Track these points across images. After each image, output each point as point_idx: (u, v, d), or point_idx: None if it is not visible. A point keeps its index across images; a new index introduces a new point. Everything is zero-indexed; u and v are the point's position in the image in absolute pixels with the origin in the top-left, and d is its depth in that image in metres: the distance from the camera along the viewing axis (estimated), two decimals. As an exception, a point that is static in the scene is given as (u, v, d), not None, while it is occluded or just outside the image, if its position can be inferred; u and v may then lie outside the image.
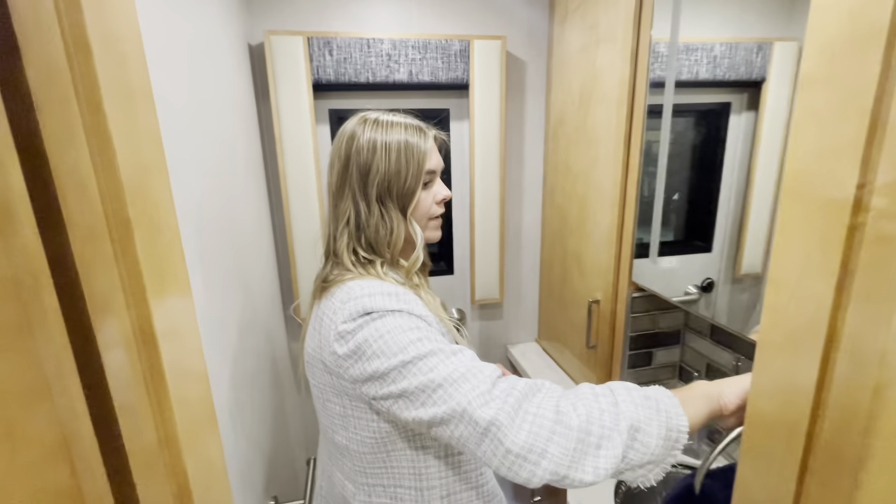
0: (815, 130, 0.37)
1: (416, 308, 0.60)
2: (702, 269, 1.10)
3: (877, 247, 0.34)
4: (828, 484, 0.40)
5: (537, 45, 1.42)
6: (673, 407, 0.52)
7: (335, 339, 0.58)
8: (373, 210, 0.66)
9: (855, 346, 0.36)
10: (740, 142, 1.04)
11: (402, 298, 0.60)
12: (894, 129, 0.32)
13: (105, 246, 0.23)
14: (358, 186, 0.66)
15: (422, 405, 0.53)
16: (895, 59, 0.32)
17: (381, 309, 0.57)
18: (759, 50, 0.98)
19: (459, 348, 0.57)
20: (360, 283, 0.62)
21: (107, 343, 0.23)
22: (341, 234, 0.67)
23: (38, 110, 0.20)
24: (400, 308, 0.58)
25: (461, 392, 0.51)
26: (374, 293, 0.59)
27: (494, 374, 0.54)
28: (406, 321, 0.57)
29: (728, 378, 0.58)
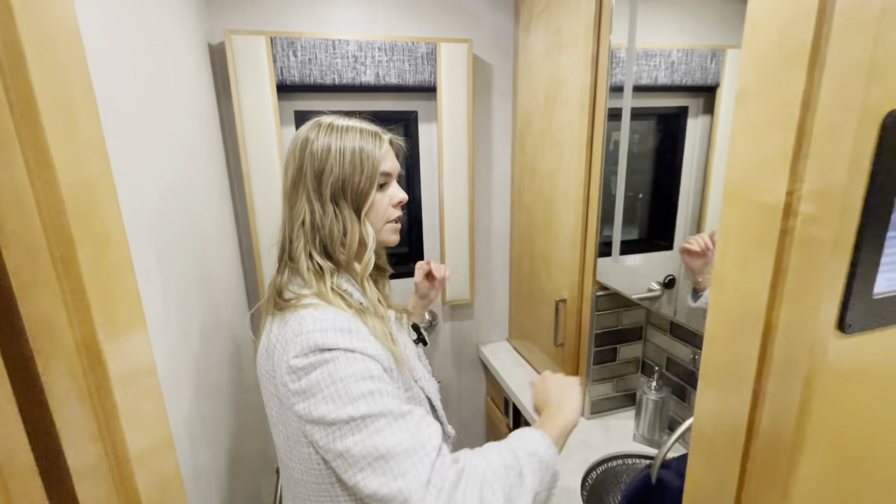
0: (749, 141, 0.40)
1: (369, 347, 0.59)
2: (664, 267, 1.14)
3: (805, 248, 0.37)
4: (767, 467, 0.43)
5: (503, 49, 1.44)
6: (555, 462, 0.64)
7: (286, 371, 0.58)
8: (327, 210, 0.66)
9: (788, 339, 0.39)
10: (697, 144, 1.09)
11: (356, 335, 0.59)
12: (818, 141, 0.35)
13: (45, 264, 0.22)
14: (312, 187, 0.66)
15: (361, 474, 0.53)
16: (818, 74, 0.34)
17: (333, 346, 0.57)
18: (714, 56, 1.03)
19: (409, 409, 0.57)
20: (313, 313, 0.60)
21: (47, 360, 0.23)
22: (297, 237, 0.67)
23: (-34, 126, 0.19)
24: (353, 347, 0.57)
25: (403, 477, 0.52)
26: (326, 328, 0.58)
27: (434, 448, 0.55)
28: (360, 367, 0.57)
29: (558, 402, 0.74)
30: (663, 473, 0.58)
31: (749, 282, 0.41)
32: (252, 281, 1.35)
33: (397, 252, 1.60)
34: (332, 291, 0.65)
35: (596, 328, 1.19)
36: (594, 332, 1.19)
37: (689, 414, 1.11)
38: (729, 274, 0.43)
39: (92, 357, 0.25)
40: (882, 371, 0.42)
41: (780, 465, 0.41)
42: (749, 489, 0.45)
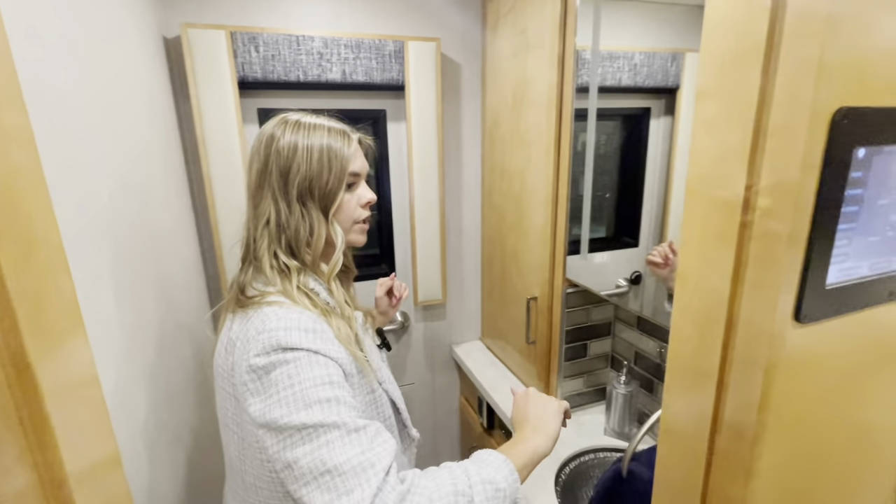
0: (709, 138, 0.41)
1: (332, 349, 0.58)
2: (630, 263, 1.17)
3: (763, 242, 0.38)
4: (731, 457, 0.44)
5: (471, 48, 1.44)
6: (515, 490, 0.59)
7: (246, 370, 0.56)
8: (293, 210, 0.64)
9: (749, 331, 0.40)
10: (660, 144, 1.12)
11: (319, 336, 0.58)
12: (774, 137, 0.36)
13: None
14: (278, 186, 0.64)
15: (306, 488, 0.51)
16: (771, 73, 0.35)
17: (296, 346, 0.55)
18: (674, 59, 1.06)
19: (363, 424, 0.55)
20: (277, 311, 0.59)
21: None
22: (262, 236, 0.65)
23: None
24: (316, 349, 0.56)
25: (348, 496, 0.50)
26: (290, 327, 0.56)
27: (383, 469, 0.52)
28: (321, 372, 0.55)
29: (531, 423, 0.69)
30: (633, 466, 0.59)
31: (711, 276, 0.42)
32: (214, 282, 1.29)
33: (368, 253, 1.57)
34: (298, 290, 0.63)
35: (566, 325, 1.20)
36: (565, 328, 1.20)
37: (657, 406, 1.14)
38: (692, 269, 0.44)
39: (19, 369, 0.23)
40: (834, 358, 0.44)
41: (744, 453, 0.42)
42: (715, 478, 0.46)
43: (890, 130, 0.38)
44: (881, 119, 0.37)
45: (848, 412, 0.48)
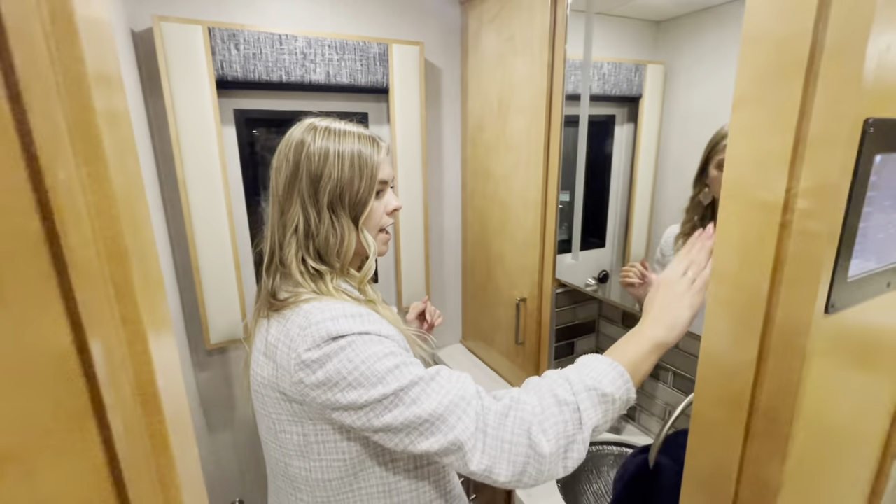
0: (747, 143, 0.44)
1: (383, 328, 0.58)
2: (598, 263, 1.23)
3: (801, 240, 0.41)
4: (767, 442, 0.47)
5: (451, 53, 1.45)
6: (626, 391, 0.57)
7: (299, 368, 0.54)
8: (323, 218, 0.63)
9: (786, 323, 0.43)
10: (624, 149, 1.18)
11: (366, 319, 0.58)
12: (814, 144, 0.39)
13: (104, 288, 0.17)
14: (308, 193, 0.63)
15: (408, 438, 0.53)
16: (812, 84, 0.39)
17: (347, 332, 0.55)
18: (637, 70, 1.13)
19: (436, 370, 0.57)
20: (317, 305, 0.58)
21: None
22: (289, 243, 0.63)
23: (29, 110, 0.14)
24: (367, 330, 0.56)
25: (453, 430, 0.52)
26: (336, 316, 0.56)
27: (473, 395, 0.55)
28: (378, 347, 0.55)
29: (654, 311, 0.62)
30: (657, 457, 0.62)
31: (750, 273, 0.45)
32: (190, 300, 1.21)
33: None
34: (335, 289, 0.62)
35: (555, 324, 1.24)
36: (554, 328, 1.23)
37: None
38: (730, 267, 0.47)
39: (147, 399, 0.21)
40: (847, 344, 0.48)
41: (780, 436, 0.46)
42: (749, 462, 0.49)
43: (899, 139, 0.43)
44: (894, 130, 0.42)
45: (852, 390, 0.54)
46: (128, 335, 0.20)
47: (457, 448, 0.52)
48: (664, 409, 1.15)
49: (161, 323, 0.24)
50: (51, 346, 0.15)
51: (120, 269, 0.19)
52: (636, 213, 1.18)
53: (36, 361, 0.15)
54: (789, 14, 0.39)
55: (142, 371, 0.21)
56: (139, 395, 0.21)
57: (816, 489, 0.54)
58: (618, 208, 1.22)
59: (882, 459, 0.66)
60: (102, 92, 0.19)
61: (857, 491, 0.65)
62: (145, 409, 0.21)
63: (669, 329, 0.60)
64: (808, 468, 0.50)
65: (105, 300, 0.17)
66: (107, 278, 0.18)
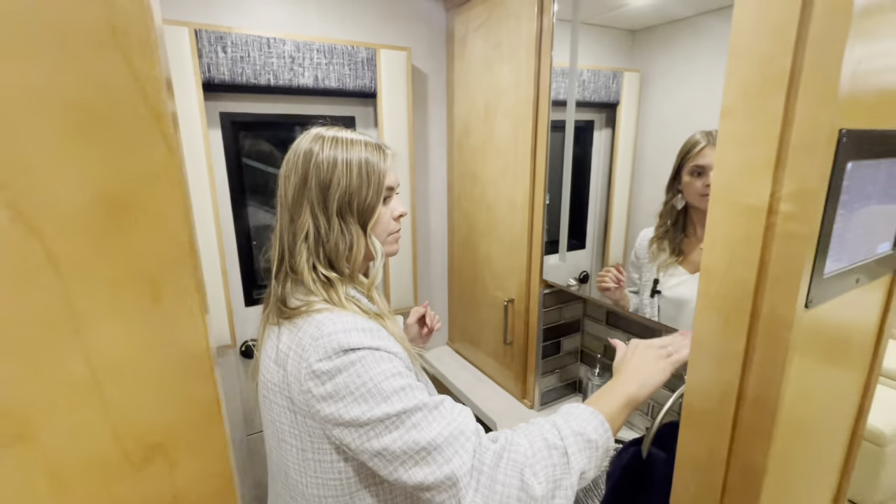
0: (735, 151, 0.47)
1: (391, 345, 0.59)
2: (579, 264, 1.27)
3: (784, 241, 0.45)
4: (754, 428, 0.50)
5: (437, 59, 1.47)
6: (607, 440, 0.60)
7: (308, 377, 0.55)
8: (333, 225, 0.64)
9: (771, 317, 0.47)
10: (602, 154, 1.23)
11: (377, 335, 0.58)
12: (795, 152, 0.43)
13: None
14: (317, 201, 0.64)
15: (403, 467, 0.53)
16: (793, 97, 0.42)
17: (359, 346, 0.55)
18: (614, 77, 1.17)
19: (440, 399, 0.57)
20: (329, 316, 0.59)
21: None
22: (300, 250, 0.64)
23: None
24: (378, 346, 0.56)
25: (448, 464, 0.52)
26: (348, 328, 0.57)
27: (473, 432, 0.55)
28: (387, 365, 0.56)
29: (628, 372, 0.67)
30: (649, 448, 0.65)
31: (738, 271, 0.48)
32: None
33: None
34: (346, 298, 0.63)
35: (542, 324, 1.27)
36: (542, 328, 1.26)
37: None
38: (718, 265, 0.50)
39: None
40: (822, 335, 0.52)
41: (766, 422, 0.49)
42: (738, 448, 0.52)
43: (868, 148, 0.47)
44: (864, 139, 0.46)
45: (826, 378, 0.58)
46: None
47: (451, 484, 0.52)
48: (648, 403, 1.19)
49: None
50: (194, 347, 0.16)
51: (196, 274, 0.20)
52: (614, 216, 1.22)
53: (183, 360, 0.16)
54: (773, 33, 0.42)
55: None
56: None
57: (796, 473, 0.58)
58: (597, 211, 1.26)
59: (850, 444, 0.71)
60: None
61: (829, 474, 0.70)
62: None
63: (641, 387, 0.65)
64: (790, 453, 0.54)
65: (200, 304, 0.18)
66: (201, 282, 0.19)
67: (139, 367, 0.15)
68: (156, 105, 0.16)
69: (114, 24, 0.15)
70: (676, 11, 1.00)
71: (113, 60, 0.16)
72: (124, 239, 0.16)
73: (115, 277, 0.16)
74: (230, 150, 1.20)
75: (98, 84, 0.15)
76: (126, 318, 0.15)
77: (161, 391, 0.15)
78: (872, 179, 0.52)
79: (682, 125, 1.03)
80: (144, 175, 0.16)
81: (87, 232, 0.16)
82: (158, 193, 0.15)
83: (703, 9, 0.95)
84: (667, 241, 1.04)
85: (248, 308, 1.32)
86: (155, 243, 0.15)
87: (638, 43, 1.10)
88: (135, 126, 0.16)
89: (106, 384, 0.15)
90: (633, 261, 1.13)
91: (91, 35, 0.16)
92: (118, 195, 0.16)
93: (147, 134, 0.16)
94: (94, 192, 0.15)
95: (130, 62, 0.16)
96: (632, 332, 1.21)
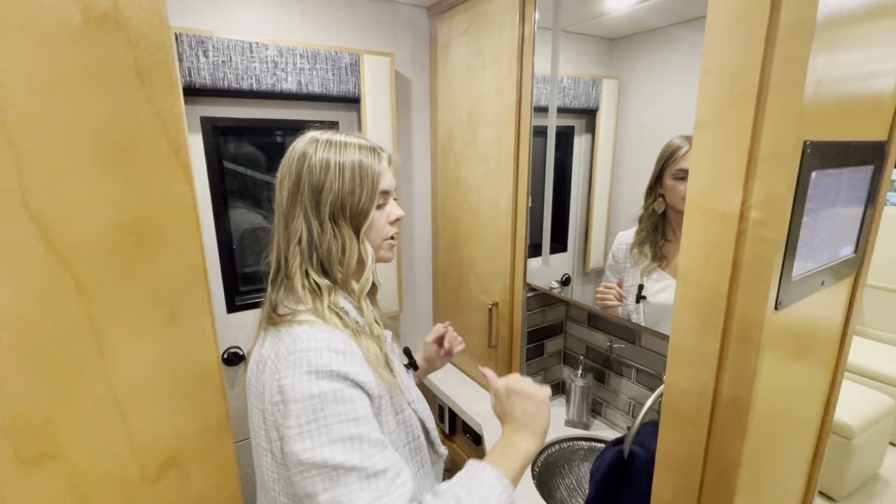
0: (708, 161, 0.50)
1: (361, 373, 0.57)
2: (561, 266, 1.29)
3: (754, 246, 0.47)
4: (729, 424, 0.53)
5: (420, 65, 1.48)
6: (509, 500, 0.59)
7: (276, 389, 0.55)
8: (325, 229, 0.64)
9: (744, 319, 0.49)
10: (583, 159, 1.26)
11: (349, 359, 0.57)
12: (764, 162, 0.45)
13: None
14: (310, 205, 0.63)
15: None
16: (762, 111, 0.45)
17: (325, 370, 0.54)
18: (594, 84, 1.21)
19: (383, 468, 0.54)
20: (308, 330, 0.58)
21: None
22: (293, 255, 0.64)
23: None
24: (346, 373, 0.55)
25: None
26: (321, 347, 0.56)
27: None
28: (346, 407, 0.54)
29: (530, 427, 0.66)
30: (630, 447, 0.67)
31: (713, 275, 0.51)
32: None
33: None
34: (329, 310, 0.62)
35: (526, 327, 1.29)
36: (526, 331, 1.28)
37: (609, 396, 1.27)
38: (694, 270, 0.52)
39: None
40: (791, 335, 0.55)
41: (740, 419, 0.51)
42: (714, 444, 0.55)
43: (829, 158, 0.50)
44: (826, 150, 0.49)
45: (795, 377, 0.61)
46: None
47: None
48: (629, 403, 1.22)
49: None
50: (206, 363, 0.16)
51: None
52: (595, 219, 1.25)
53: (196, 376, 0.16)
54: (741, 51, 0.45)
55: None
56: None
57: (769, 465, 0.61)
58: (578, 214, 1.29)
59: (818, 439, 0.75)
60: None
61: (800, 465, 0.73)
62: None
63: (542, 440, 0.66)
64: (763, 447, 0.57)
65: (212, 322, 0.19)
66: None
67: (156, 384, 0.16)
68: (175, 138, 0.16)
69: (139, 67, 0.16)
70: (651, 21, 1.04)
71: (137, 99, 0.16)
72: (145, 264, 0.17)
73: (135, 300, 0.16)
74: (212, 155, 1.18)
75: (124, 121, 0.15)
76: (145, 337, 0.16)
77: (175, 406, 0.16)
78: (835, 187, 0.55)
79: (659, 131, 1.07)
80: (164, 204, 0.17)
81: (110, 258, 0.16)
82: (176, 220, 0.16)
83: (675, 19, 0.99)
84: (648, 245, 1.05)
85: (230, 315, 1.30)
86: (173, 267, 0.16)
87: (616, 51, 1.13)
88: (156, 159, 0.16)
89: (126, 401, 0.16)
90: (612, 264, 1.15)
91: (119, 77, 0.16)
92: (140, 223, 0.17)
93: (167, 166, 0.16)
94: (117, 221, 0.16)
95: (153, 101, 0.16)
96: (613, 334, 1.24)
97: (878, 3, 0.50)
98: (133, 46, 0.15)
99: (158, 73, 0.16)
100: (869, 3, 0.48)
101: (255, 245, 1.33)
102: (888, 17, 0.53)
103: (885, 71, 0.55)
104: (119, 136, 0.16)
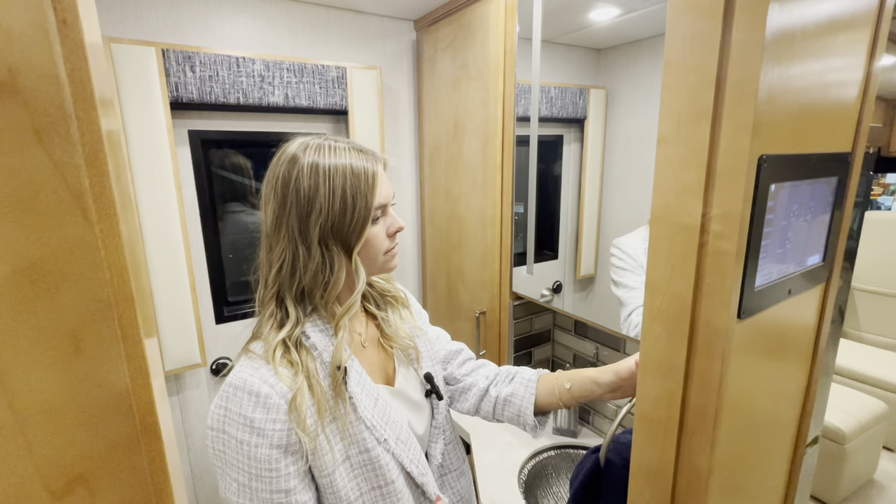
0: (670, 175, 0.51)
1: (269, 420, 0.55)
2: (552, 274, 1.31)
3: (715, 257, 0.49)
4: (697, 433, 0.54)
5: (406, 76, 1.50)
6: None
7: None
8: (313, 253, 0.59)
9: (707, 329, 0.50)
10: (572, 167, 1.28)
11: (261, 404, 0.55)
12: (721, 177, 0.47)
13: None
14: (298, 229, 0.59)
15: None
16: (717, 127, 0.46)
17: (235, 410, 0.55)
18: (581, 94, 1.23)
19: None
20: (245, 363, 0.58)
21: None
22: (273, 282, 0.61)
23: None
24: (250, 419, 0.55)
25: None
26: (239, 386, 0.56)
27: None
28: (244, 461, 0.55)
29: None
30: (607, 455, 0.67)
31: (677, 286, 0.52)
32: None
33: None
34: (280, 345, 0.58)
35: (513, 335, 1.29)
36: (513, 339, 1.29)
37: (596, 403, 1.28)
38: (661, 281, 0.54)
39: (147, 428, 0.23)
40: (761, 342, 0.56)
41: (708, 428, 0.52)
42: (684, 452, 0.55)
43: (788, 171, 0.51)
44: (784, 163, 0.50)
45: (766, 384, 0.62)
46: (132, 372, 0.22)
47: None
48: (615, 411, 1.22)
49: (154, 361, 0.26)
50: (115, 388, 0.17)
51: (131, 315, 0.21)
52: (585, 227, 1.27)
53: (105, 401, 0.17)
54: (696, 69, 0.46)
55: (145, 402, 0.23)
56: (142, 425, 0.23)
57: (742, 474, 0.62)
58: (569, 222, 1.31)
59: (795, 446, 0.75)
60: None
61: (778, 472, 0.74)
62: (148, 437, 0.23)
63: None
64: (734, 456, 0.58)
65: (133, 345, 0.20)
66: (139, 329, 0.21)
67: (61, 409, 0.17)
68: (74, 186, 0.18)
69: (37, 126, 0.17)
70: (636, 32, 1.06)
71: (36, 155, 0.18)
72: (44, 302, 0.18)
73: (35, 335, 0.18)
74: (199, 168, 1.19)
75: (22, 175, 0.17)
76: (48, 368, 0.18)
77: (81, 429, 0.17)
78: (797, 198, 0.56)
79: (646, 140, 1.08)
80: (64, 245, 0.18)
81: (8, 298, 0.18)
82: (77, 260, 0.18)
83: (660, 31, 1.01)
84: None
85: (219, 326, 1.31)
86: (75, 303, 0.17)
87: (604, 61, 1.15)
88: (56, 206, 0.18)
89: (29, 425, 0.17)
90: (627, 267, 1.11)
91: (16, 137, 0.18)
92: (38, 265, 0.18)
93: (67, 211, 0.18)
94: (14, 265, 0.17)
95: (52, 155, 0.18)
96: (598, 341, 1.25)
97: (832, 19, 0.52)
98: (30, 109, 0.17)
99: (56, 131, 0.17)
100: (821, 20, 0.50)
101: (244, 256, 1.34)
102: (844, 32, 0.54)
103: (844, 81, 0.57)
104: (17, 189, 0.17)
